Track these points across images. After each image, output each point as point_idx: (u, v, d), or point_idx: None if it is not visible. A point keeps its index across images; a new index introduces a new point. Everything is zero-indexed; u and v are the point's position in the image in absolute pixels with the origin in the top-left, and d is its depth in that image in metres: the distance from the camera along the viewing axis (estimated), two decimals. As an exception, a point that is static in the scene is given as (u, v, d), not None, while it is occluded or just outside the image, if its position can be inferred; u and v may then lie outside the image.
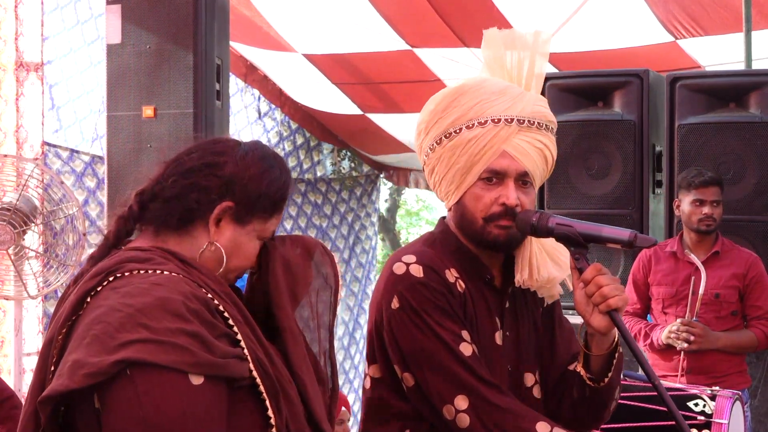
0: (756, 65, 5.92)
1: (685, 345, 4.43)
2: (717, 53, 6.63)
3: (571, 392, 2.23)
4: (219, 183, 1.83)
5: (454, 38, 7.06)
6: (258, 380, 1.73)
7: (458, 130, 2.17)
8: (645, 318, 4.77)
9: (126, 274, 1.72)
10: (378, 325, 2.21)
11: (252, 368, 1.72)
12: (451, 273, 2.19)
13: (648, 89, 5.22)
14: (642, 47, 6.77)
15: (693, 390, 3.42)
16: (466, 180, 2.18)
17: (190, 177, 1.83)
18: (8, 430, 3.53)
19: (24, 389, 5.34)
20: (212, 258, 1.83)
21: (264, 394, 1.73)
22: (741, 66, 5.90)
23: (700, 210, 4.55)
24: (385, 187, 13.30)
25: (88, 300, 1.72)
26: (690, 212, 4.57)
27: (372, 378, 2.26)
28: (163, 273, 1.73)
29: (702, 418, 3.24)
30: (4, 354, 5.59)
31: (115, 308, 1.65)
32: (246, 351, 1.72)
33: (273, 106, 8.74)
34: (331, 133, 9.36)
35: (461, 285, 2.19)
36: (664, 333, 4.50)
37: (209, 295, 1.74)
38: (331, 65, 7.99)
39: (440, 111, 2.21)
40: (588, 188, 5.33)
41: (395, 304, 2.16)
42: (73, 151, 6.29)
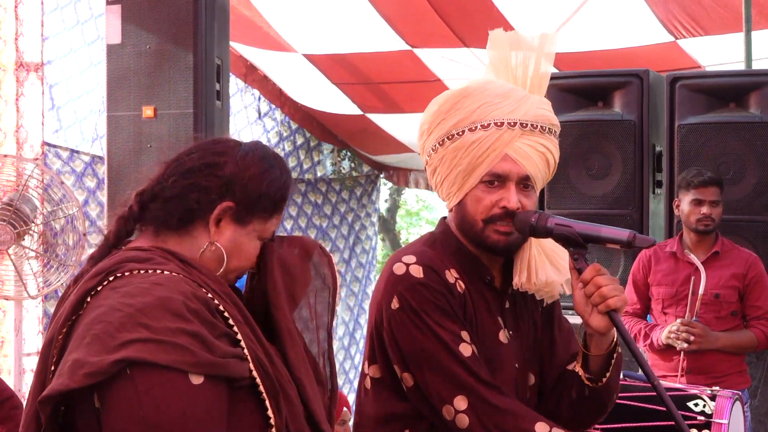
0: (756, 65, 5.92)
1: (685, 345, 4.42)
2: (717, 53, 6.63)
3: (570, 392, 2.24)
4: (219, 183, 1.83)
5: (454, 38, 7.06)
6: (258, 380, 1.73)
7: (461, 132, 2.17)
8: (645, 318, 4.77)
9: (126, 274, 1.73)
10: (378, 326, 2.21)
11: (252, 368, 1.72)
12: (451, 273, 2.19)
13: (648, 89, 5.22)
14: (642, 47, 6.77)
15: (693, 390, 3.42)
16: (468, 182, 2.18)
17: (191, 177, 1.83)
18: (8, 431, 3.53)
19: (24, 389, 5.34)
20: (212, 258, 1.83)
21: (264, 394, 1.73)
22: (741, 66, 5.90)
23: (699, 210, 4.55)
24: (385, 187, 13.31)
25: (89, 300, 1.72)
26: (689, 212, 4.57)
27: (372, 378, 2.26)
28: (164, 273, 1.73)
29: (702, 418, 3.23)
30: (4, 354, 5.59)
31: (116, 308, 1.66)
32: (246, 351, 1.73)
33: (273, 106, 8.75)
34: (331, 133, 9.36)
35: (461, 285, 2.19)
36: (664, 333, 4.50)
37: (209, 295, 1.74)
38: (331, 65, 7.99)
39: (443, 112, 2.20)
40: (588, 188, 5.33)
41: (395, 305, 2.16)
42: (73, 151, 6.30)
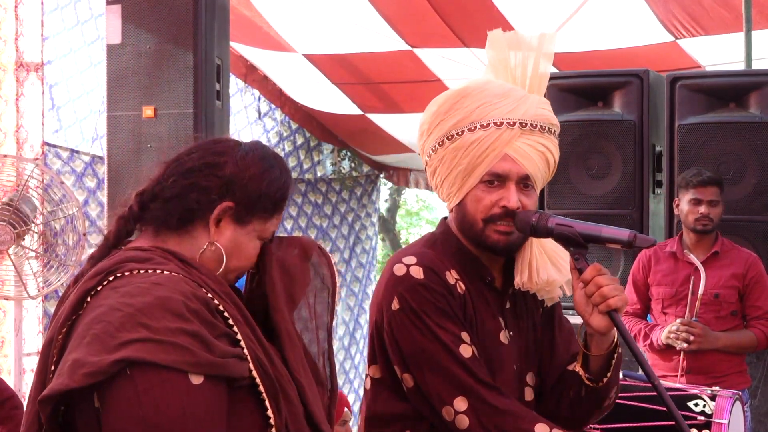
0: (756, 65, 5.92)
1: (685, 345, 4.42)
2: (717, 53, 6.63)
3: (570, 392, 2.23)
4: (219, 183, 1.83)
5: (454, 38, 7.06)
6: (258, 380, 1.73)
7: (460, 133, 2.17)
8: (645, 318, 4.76)
9: (126, 274, 1.73)
10: (378, 326, 2.21)
11: (252, 368, 1.72)
12: (452, 274, 2.19)
13: (648, 89, 5.22)
14: (642, 47, 6.77)
15: (693, 390, 3.42)
16: (468, 182, 2.18)
17: (191, 177, 1.83)
18: (9, 431, 3.53)
19: (24, 389, 5.34)
20: (212, 258, 1.83)
21: (264, 394, 1.73)
22: (741, 66, 5.90)
23: (697, 209, 4.54)
24: (385, 187, 13.31)
25: (88, 300, 1.72)
26: (687, 211, 4.57)
27: (372, 378, 2.26)
28: (164, 273, 1.73)
29: (702, 418, 3.23)
30: (4, 354, 5.59)
31: (116, 308, 1.65)
32: (246, 351, 1.73)
33: (273, 106, 8.75)
34: (331, 133, 9.36)
35: (461, 286, 2.19)
36: (664, 333, 4.49)
37: (209, 295, 1.74)
38: (331, 65, 7.98)
39: (443, 113, 2.20)
40: (588, 188, 5.32)
41: (395, 305, 2.16)
42: (73, 151, 6.30)
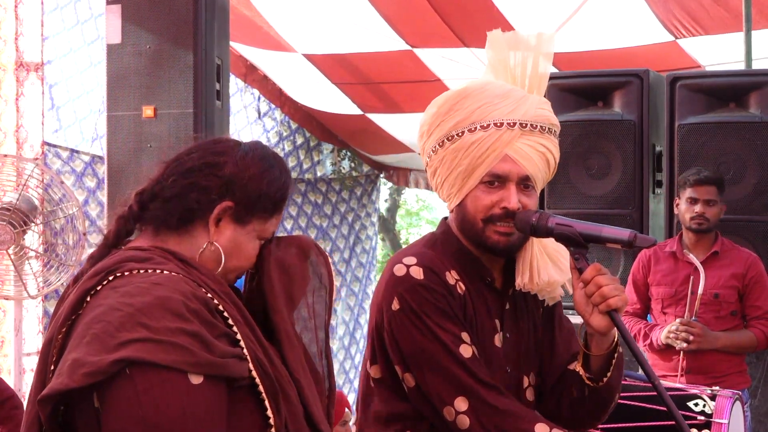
0: (756, 65, 5.92)
1: (684, 345, 4.42)
2: (717, 53, 6.63)
3: (570, 392, 2.23)
4: (219, 183, 1.83)
5: (454, 38, 7.06)
6: (257, 380, 1.73)
7: (461, 133, 2.17)
8: (645, 318, 4.76)
9: (126, 274, 1.72)
10: (378, 326, 2.21)
11: (251, 368, 1.72)
12: (452, 275, 2.19)
13: (648, 89, 5.22)
14: (642, 47, 6.77)
15: (693, 390, 3.42)
16: (468, 183, 2.18)
17: (190, 177, 1.83)
18: (9, 431, 3.53)
19: (24, 389, 5.34)
20: (212, 258, 1.83)
21: (263, 394, 1.73)
22: (741, 66, 5.90)
23: (692, 208, 4.54)
24: (385, 187, 13.31)
25: (88, 299, 1.72)
26: (684, 210, 4.57)
27: (372, 378, 2.26)
28: (163, 272, 1.73)
29: (702, 418, 3.23)
30: (4, 354, 5.59)
31: (115, 307, 1.65)
32: (245, 351, 1.72)
33: (273, 106, 8.75)
34: (331, 133, 9.36)
35: (461, 287, 2.19)
36: (663, 333, 4.49)
37: (209, 295, 1.74)
38: (331, 65, 7.99)
39: (443, 113, 2.20)
40: (588, 188, 5.32)
41: (395, 306, 2.16)
42: (73, 151, 6.30)
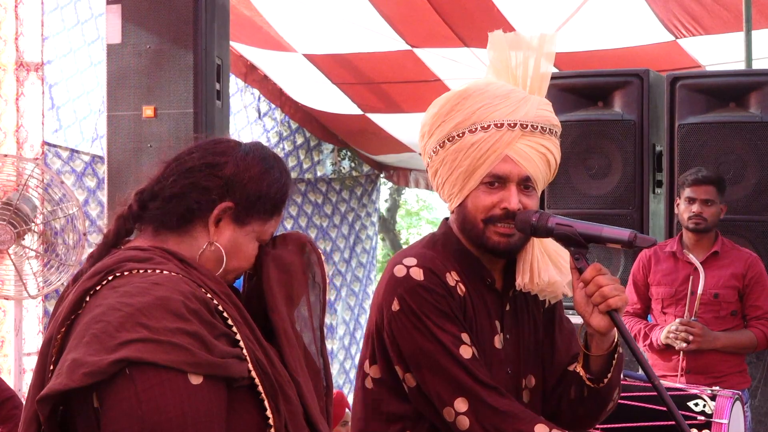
0: (756, 65, 5.92)
1: (684, 345, 4.42)
2: (717, 53, 6.63)
3: (570, 392, 2.23)
4: (219, 183, 1.83)
5: (454, 38, 7.06)
6: (257, 380, 1.73)
7: (461, 134, 2.17)
8: (645, 318, 4.76)
9: (125, 274, 1.72)
10: (378, 327, 2.21)
11: (251, 368, 1.72)
12: (452, 276, 2.19)
13: (648, 89, 5.22)
14: (642, 47, 6.77)
15: (693, 390, 3.42)
16: (469, 184, 2.18)
17: (191, 177, 1.83)
18: (9, 431, 3.53)
19: (24, 389, 5.34)
20: (211, 258, 1.83)
21: (263, 395, 1.73)
22: (741, 66, 5.90)
23: (690, 208, 4.54)
24: (385, 187, 13.31)
25: (87, 299, 1.71)
26: (682, 210, 4.57)
27: (372, 379, 2.26)
28: (163, 272, 1.72)
29: (702, 418, 3.23)
30: (4, 354, 5.59)
31: (115, 307, 1.65)
32: (245, 351, 1.72)
33: (273, 106, 8.75)
34: (331, 133, 9.36)
35: (462, 288, 2.19)
36: (663, 333, 4.49)
37: (209, 295, 1.74)
38: (331, 65, 7.99)
39: (444, 114, 2.20)
40: (588, 188, 5.32)
41: (395, 307, 2.16)
42: (73, 151, 6.30)
